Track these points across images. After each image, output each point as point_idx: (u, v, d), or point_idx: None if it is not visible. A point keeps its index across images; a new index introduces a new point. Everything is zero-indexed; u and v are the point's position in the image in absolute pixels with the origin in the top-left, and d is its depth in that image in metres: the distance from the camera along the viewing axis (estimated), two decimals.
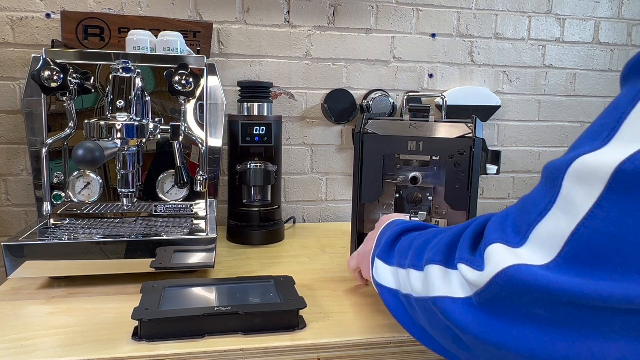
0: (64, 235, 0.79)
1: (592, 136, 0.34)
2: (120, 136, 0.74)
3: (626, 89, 0.34)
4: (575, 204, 0.33)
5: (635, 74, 0.33)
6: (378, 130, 0.82)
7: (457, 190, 0.78)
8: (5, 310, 0.69)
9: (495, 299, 0.37)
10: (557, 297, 0.33)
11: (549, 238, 0.34)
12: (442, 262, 0.45)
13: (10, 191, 1.11)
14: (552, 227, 0.34)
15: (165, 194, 0.92)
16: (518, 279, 0.35)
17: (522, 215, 0.38)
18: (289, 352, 0.61)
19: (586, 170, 0.32)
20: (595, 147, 0.33)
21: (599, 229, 0.31)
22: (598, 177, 0.31)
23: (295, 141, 1.24)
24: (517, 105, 1.35)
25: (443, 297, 0.43)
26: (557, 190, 0.34)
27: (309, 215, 1.29)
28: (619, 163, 0.30)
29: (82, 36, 1.05)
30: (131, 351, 0.58)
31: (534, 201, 0.37)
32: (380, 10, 1.23)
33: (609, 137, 0.32)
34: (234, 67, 1.18)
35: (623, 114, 0.32)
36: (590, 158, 0.32)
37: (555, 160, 0.36)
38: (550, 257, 0.34)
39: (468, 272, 0.40)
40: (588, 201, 0.32)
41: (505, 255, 0.37)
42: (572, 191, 0.33)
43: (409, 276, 0.49)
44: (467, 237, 0.43)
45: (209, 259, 0.80)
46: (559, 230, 0.34)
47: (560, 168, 0.34)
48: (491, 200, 1.40)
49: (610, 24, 1.36)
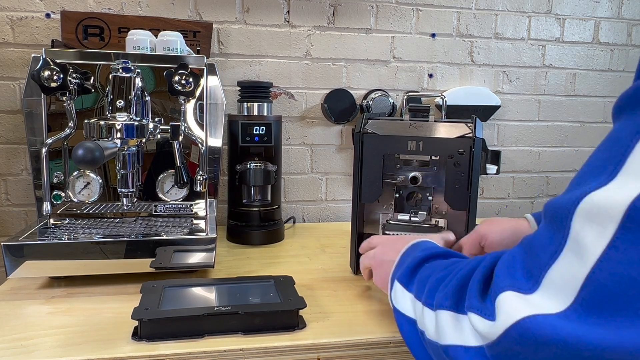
0: (64, 235, 0.79)
1: (596, 171, 0.32)
2: (120, 136, 0.74)
3: (625, 122, 0.32)
4: (588, 246, 0.31)
5: (633, 106, 0.32)
6: (378, 130, 0.82)
7: (457, 190, 0.78)
8: (5, 310, 0.69)
9: (510, 353, 0.35)
10: (577, 350, 0.30)
11: (564, 283, 0.32)
12: (452, 308, 0.43)
13: (10, 191, 1.11)
14: (566, 271, 0.32)
15: (165, 194, 0.91)
16: (534, 332, 0.32)
17: (531, 259, 0.36)
18: (289, 352, 0.61)
19: (597, 210, 0.30)
20: (602, 183, 0.31)
21: (616, 271, 0.29)
22: (610, 215, 0.30)
23: (295, 141, 1.24)
24: (517, 105, 1.35)
25: (455, 345, 0.41)
26: (566, 231, 0.32)
27: (309, 215, 1.29)
28: (632, 200, 0.29)
29: (82, 36, 1.05)
30: (131, 351, 0.58)
31: (542, 243, 0.35)
32: (380, 10, 1.23)
33: (615, 171, 0.31)
34: (234, 67, 1.18)
35: (628, 147, 0.31)
36: (600, 196, 0.31)
37: (560, 199, 0.34)
38: (565, 304, 0.32)
39: (479, 322, 0.38)
40: (601, 242, 0.30)
41: (518, 304, 0.34)
42: (582, 232, 0.31)
43: (424, 314, 0.48)
44: (476, 281, 0.41)
45: (209, 259, 0.80)
46: (573, 275, 0.31)
47: (568, 208, 0.33)
48: (491, 200, 1.40)
49: (610, 24, 1.36)
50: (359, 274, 0.85)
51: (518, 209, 1.41)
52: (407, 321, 0.51)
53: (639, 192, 0.29)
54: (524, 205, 1.42)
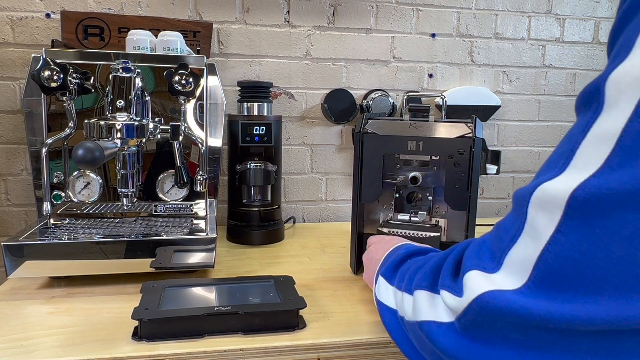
0: (64, 235, 0.79)
1: (551, 165, 0.36)
2: (120, 136, 0.74)
3: (579, 119, 0.36)
4: (540, 230, 0.34)
5: (585, 104, 0.36)
6: (378, 130, 0.82)
7: (457, 190, 0.78)
8: (5, 310, 0.69)
9: (474, 325, 0.39)
10: (528, 321, 0.34)
11: (520, 263, 0.36)
12: (428, 288, 0.47)
13: (10, 191, 1.11)
14: (522, 252, 0.36)
15: (165, 194, 0.91)
16: (492, 305, 0.36)
17: (496, 241, 0.40)
18: (289, 352, 0.61)
19: (546, 198, 0.34)
20: (553, 175, 0.35)
21: (561, 253, 0.33)
22: (556, 204, 0.33)
23: (295, 141, 1.24)
24: (517, 105, 1.35)
25: (429, 321, 0.44)
26: (524, 217, 0.36)
27: (309, 215, 1.29)
28: (572, 190, 0.32)
29: (82, 36, 1.05)
30: (131, 351, 0.58)
31: (506, 227, 0.39)
32: (380, 10, 1.23)
33: (564, 165, 0.35)
34: (234, 67, 1.18)
35: (576, 143, 0.34)
36: (549, 186, 0.35)
37: (522, 188, 0.38)
38: (521, 281, 0.35)
39: (449, 298, 0.42)
40: (550, 227, 0.34)
41: (481, 281, 0.38)
42: (536, 217, 0.35)
43: (403, 300, 0.51)
44: (449, 263, 0.45)
45: (209, 259, 0.80)
46: (527, 256, 0.35)
47: (525, 196, 0.37)
48: (491, 200, 1.40)
49: (610, 24, 1.36)
50: (359, 274, 0.85)
51: None
52: (389, 311, 0.54)
53: (579, 183, 0.32)
54: None
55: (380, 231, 0.80)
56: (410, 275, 0.52)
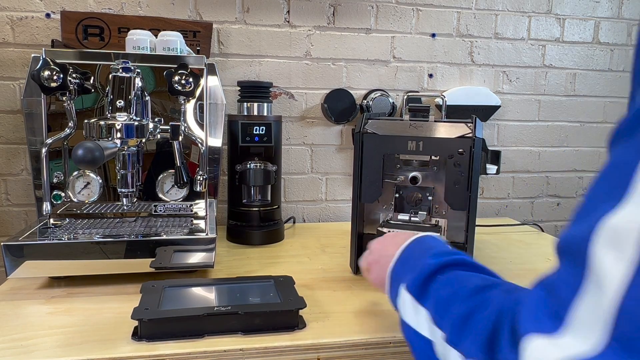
0: (64, 235, 0.79)
1: (603, 198, 0.31)
2: (120, 136, 0.74)
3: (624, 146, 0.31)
4: (611, 274, 0.28)
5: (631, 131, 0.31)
6: (378, 130, 0.82)
7: (457, 190, 0.78)
8: (5, 310, 0.69)
9: None
10: None
11: (591, 318, 0.29)
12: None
13: (10, 191, 1.11)
14: (592, 304, 0.30)
15: (165, 194, 0.91)
16: None
17: (553, 298, 0.33)
18: (289, 352, 0.61)
19: (615, 235, 0.29)
20: (613, 207, 0.29)
21: None
22: (628, 239, 0.28)
23: (295, 141, 1.24)
24: (517, 105, 1.35)
25: None
26: (585, 263, 0.30)
27: (309, 215, 1.29)
28: None
29: (82, 36, 1.05)
30: (131, 351, 0.58)
31: (562, 280, 0.33)
32: (380, 10, 1.23)
33: (625, 194, 0.29)
34: (234, 67, 1.18)
35: (633, 170, 0.29)
36: (615, 220, 0.29)
37: (571, 231, 0.32)
38: (599, 341, 0.29)
39: None
40: (623, 268, 0.28)
41: (544, 348, 0.31)
42: (604, 260, 0.29)
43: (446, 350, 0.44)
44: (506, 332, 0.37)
45: (208, 259, 0.80)
46: (601, 307, 0.29)
47: (583, 237, 0.30)
48: (491, 200, 1.40)
49: (610, 24, 1.36)
50: (359, 274, 0.85)
51: (518, 209, 1.41)
52: (422, 340, 0.47)
53: None
54: (524, 205, 1.42)
55: (380, 231, 0.80)
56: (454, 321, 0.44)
